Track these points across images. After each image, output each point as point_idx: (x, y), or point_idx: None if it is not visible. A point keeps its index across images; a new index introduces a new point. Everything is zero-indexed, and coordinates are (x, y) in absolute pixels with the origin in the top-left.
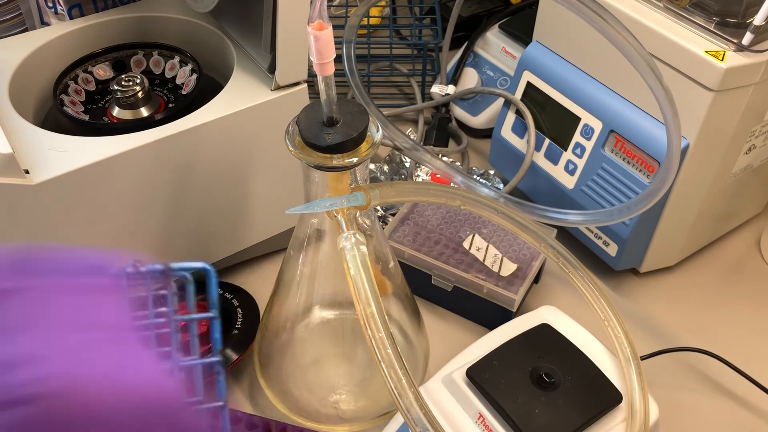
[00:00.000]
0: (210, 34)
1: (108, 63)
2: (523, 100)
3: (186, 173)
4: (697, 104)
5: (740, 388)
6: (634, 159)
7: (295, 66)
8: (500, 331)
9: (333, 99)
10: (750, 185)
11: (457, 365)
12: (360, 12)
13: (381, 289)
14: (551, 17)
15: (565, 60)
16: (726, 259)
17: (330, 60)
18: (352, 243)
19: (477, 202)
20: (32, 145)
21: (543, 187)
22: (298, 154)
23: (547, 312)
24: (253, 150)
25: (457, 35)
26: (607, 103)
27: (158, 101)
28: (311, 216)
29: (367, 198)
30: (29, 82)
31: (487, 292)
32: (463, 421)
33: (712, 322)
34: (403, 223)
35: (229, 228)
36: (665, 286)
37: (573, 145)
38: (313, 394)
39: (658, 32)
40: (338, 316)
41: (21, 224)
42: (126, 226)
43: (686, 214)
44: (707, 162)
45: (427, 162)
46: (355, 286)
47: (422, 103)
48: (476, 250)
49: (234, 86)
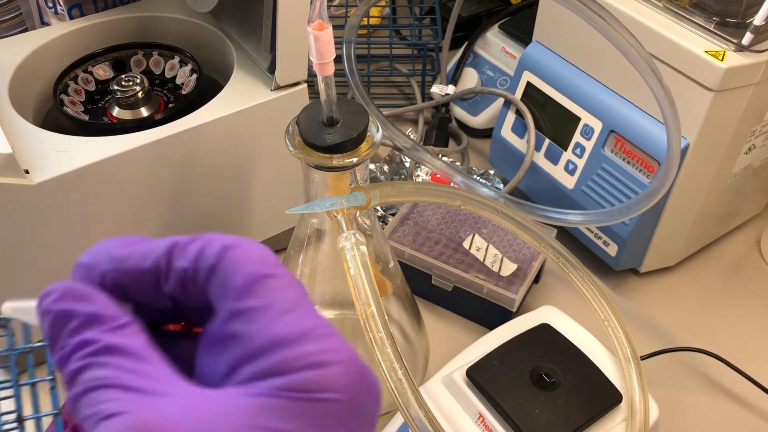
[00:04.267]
0: (210, 34)
1: (108, 63)
2: (523, 100)
3: (186, 173)
4: (697, 104)
5: (740, 388)
6: (634, 159)
7: (295, 66)
8: (500, 331)
9: (333, 99)
10: (750, 185)
11: (457, 365)
12: (360, 12)
13: (381, 289)
14: (551, 17)
15: (565, 60)
16: (726, 259)
17: (330, 60)
18: (352, 243)
19: (477, 202)
20: (32, 145)
21: (543, 187)
22: (297, 154)
23: (547, 312)
24: (253, 150)
25: (457, 35)
26: (607, 103)
27: (158, 101)
28: (311, 216)
29: (367, 198)
30: (29, 82)
31: (487, 292)
32: (463, 421)
33: (712, 322)
34: (403, 223)
35: (228, 228)
36: (665, 286)
37: (573, 145)
38: None
39: (658, 32)
40: (338, 315)
41: (21, 224)
42: (125, 226)
43: (686, 214)
44: (707, 162)
45: (427, 162)
46: (355, 285)
47: (422, 103)
48: (476, 250)
49: (234, 86)
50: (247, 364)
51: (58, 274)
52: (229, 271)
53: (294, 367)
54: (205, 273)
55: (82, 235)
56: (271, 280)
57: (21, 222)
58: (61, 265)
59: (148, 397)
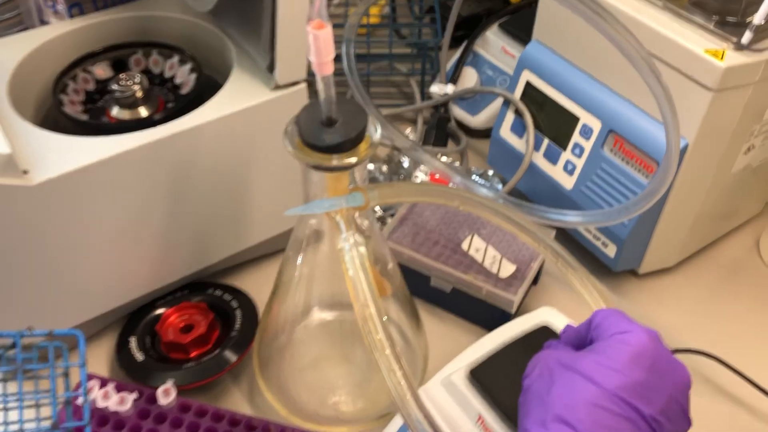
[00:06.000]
0: (209, 34)
1: (107, 62)
2: (522, 100)
3: (185, 173)
4: (697, 104)
5: (739, 390)
6: (633, 159)
7: (295, 65)
8: (499, 332)
9: (332, 98)
10: (749, 185)
11: (456, 367)
12: (360, 11)
13: (380, 290)
14: (551, 16)
15: (565, 59)
16: (725, 260)
17: (329, 59)
18: (350, 244)
19: (476, 202)
20: (31, 145)
21: (542, 187)
22: (296, 154)
23: (546, 313)
24: (252, 150)
25: (456, 35)
26: (606, 103)
27: (157, 101)
28: (310, 217)
29: (366, 198)
30: (28, 81)
31: (485, 293)
32: (462, 422)
33: (711, 323)
34: (401, 223)
35: (228, 229)
36: (664, 288)
37: (572, 145)
38: (313, 396)
39: (658, 31)
40: (337, 317)
41: (20, 224)
42: (125, 226)
43: (685, 215)
44: (706, 162)
45: (426, 162)
46: (354, 287)
47: (421, 103)
48: (475, 251)
49: (233, 86)
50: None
51: (57, 273)
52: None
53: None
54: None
55: (81, 235)
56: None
57: (20, 222)
58: (60, 264)
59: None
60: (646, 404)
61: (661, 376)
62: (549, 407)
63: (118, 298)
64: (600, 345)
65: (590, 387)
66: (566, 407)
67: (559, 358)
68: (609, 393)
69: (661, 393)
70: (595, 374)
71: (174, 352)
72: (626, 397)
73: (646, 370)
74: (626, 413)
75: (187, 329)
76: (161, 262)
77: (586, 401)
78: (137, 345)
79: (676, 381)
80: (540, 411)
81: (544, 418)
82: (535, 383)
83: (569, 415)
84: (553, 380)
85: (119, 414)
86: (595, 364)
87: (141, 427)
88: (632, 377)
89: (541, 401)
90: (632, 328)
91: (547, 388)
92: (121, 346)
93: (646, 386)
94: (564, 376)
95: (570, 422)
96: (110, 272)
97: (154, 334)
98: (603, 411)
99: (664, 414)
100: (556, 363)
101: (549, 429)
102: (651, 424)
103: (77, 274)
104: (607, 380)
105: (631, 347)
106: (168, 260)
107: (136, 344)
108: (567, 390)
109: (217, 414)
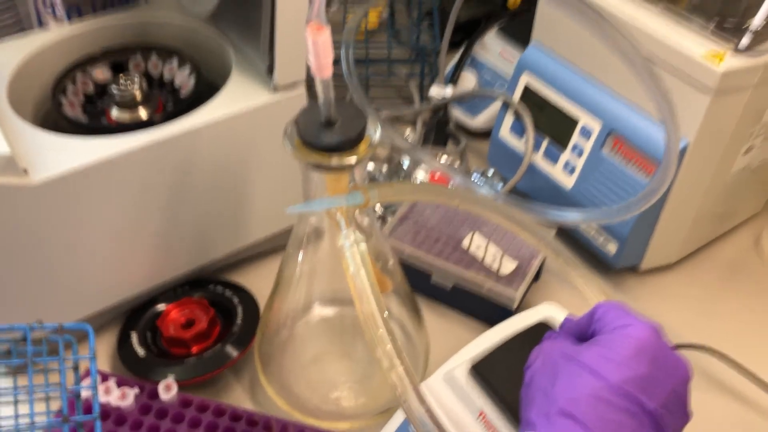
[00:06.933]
0: (208, 36)
1: (106, 65)
2: (521, 101)
3: (185, 174)
4: (696, 106)
5: (740, 385)
6: (633, 160)
7: (294, 67)
8: (501, 327)
9: (331, 101)
10: (748, 185)
11: (457, 362)
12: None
13: (381, 286)
14: (549, 18)
15: (564, 61)
16: (725, 257)
17: (328, 62)
18: (351, 241)
19: (475, 201)
20: (31, 146)
21: (542, 187)
22: (296, 154)
23: (547, 309)
24: (252, 150)
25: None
26: (605, 104)
27: (156, 103)
28: (310, 215)
29: (366, 197)
30: (28, 84)
31: (486, 290)
32: (464, 417)
33: (711, 319)
34: (402, 221)
35: (228, 227)
36: (665, 284)
37: (572, 145)
38: (314, 391)
39: (657, 35)
40: (338, 313)
41: (19, 225)
42: (125, 224)
43: (685, 213)
44: (706, 162)
45: (425, 162)
46: (355, 283)
47: (420, 106)
48: (476, 248)
49: (232, 88)
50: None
51: (58, 271)
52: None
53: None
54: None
55: (82, 234)
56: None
57: (19, 222)
58: (61, 262)
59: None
60: (649, 397)
61: (663, 370)
62: (553, 400)
63: (118, 294)
64: (603, 338)
65: (595, 380)
66: (570, 401)
67: (562, 350)
68: (614, 386)
69: (663, 386)
70: (600, 367)
71: (175, 348)
72: (631, 390)
73: (649, 364)
74: (630, 407)
75: (189, 325)
76: (161, 259)
77: (591, 394)
78: (138, 340)
79: (677, 374)
80: (544, 403)
81: (548, 411)
82: (538, 374)
83: (574, 408)
84: (556, 373)
85: (121, 409)
86: (599, 357)
87: (142, 422)
88: (637, 371)
89: (545, 394)
90: (635, 322)
91: (550, 380)
92: (122, 342)
93: (650, 380)
94: (568, 368)
95: (575, 416)
96: (110, 269)
97: (155, 330)
98: (607, 404)
99: (665, 407)
100: (559, 355)
101: (553, 422)
102: (653, 417)
103: (78, 271)
104: (612, 374)
105: (635, 340)
106: (168, 257)
107: (138, 339)
108: (571, 383)
109: (219, 409)
